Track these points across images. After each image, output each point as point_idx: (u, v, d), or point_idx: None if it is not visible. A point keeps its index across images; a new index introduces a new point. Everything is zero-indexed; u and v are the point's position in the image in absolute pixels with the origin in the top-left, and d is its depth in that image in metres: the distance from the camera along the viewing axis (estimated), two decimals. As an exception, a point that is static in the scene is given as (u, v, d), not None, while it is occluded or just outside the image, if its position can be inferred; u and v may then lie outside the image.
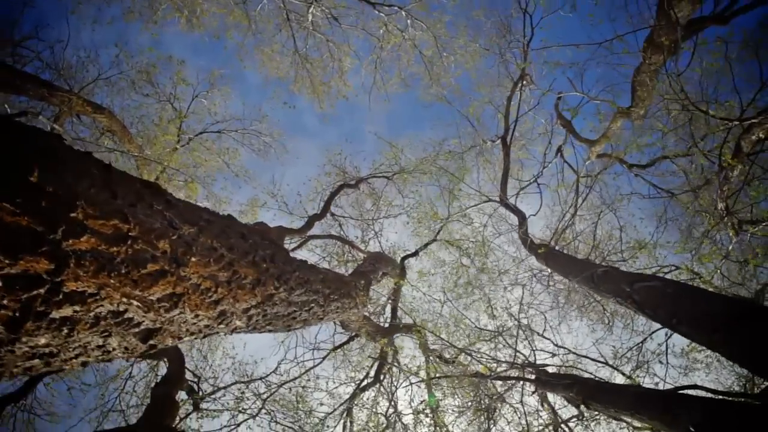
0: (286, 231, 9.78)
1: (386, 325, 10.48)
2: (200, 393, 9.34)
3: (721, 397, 4.04)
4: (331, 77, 13.71)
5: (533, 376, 6.50)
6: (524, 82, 10.50)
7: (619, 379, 8.79)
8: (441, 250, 13.48)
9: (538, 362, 7.12)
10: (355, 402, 9.92)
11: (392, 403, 9.58)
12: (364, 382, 10.11)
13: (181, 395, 9.26)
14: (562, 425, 7.71)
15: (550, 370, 7.07)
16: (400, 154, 13.48)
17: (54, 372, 1.91)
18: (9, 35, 9.62)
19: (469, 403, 8.68)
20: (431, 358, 9.90)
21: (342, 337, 10.64)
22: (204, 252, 2.59)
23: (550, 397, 8.06)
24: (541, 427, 8.08)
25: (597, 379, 6.63)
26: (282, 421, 9.75)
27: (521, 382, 7.34)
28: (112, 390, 10.10)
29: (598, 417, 7.76)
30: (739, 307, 3.86)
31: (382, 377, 10.10)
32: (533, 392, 7.30)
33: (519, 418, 7.88)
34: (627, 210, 11.10)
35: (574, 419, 7.49)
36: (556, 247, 9.40)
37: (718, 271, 8.83)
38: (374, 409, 10.02)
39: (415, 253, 11.97)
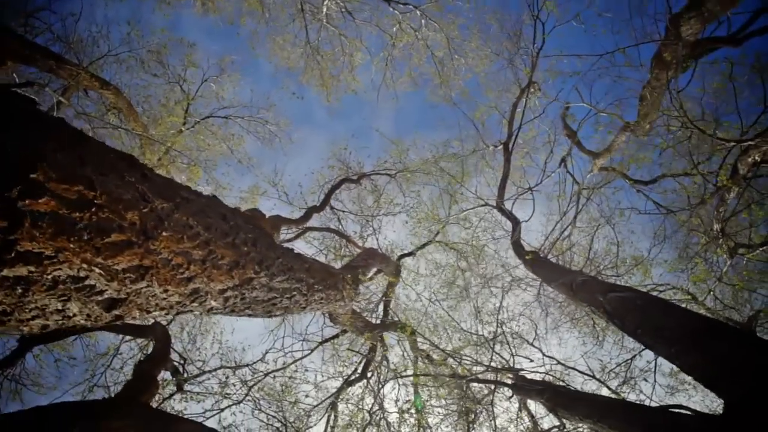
0: (283, 221, 9.79)
1: (377, 321, 10.48)
2: (185, 374, 9.36)
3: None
4: (341, 71, 13.74)
5: (511, 382, 6.51)
6: (531, 90, 10.47)
7: (605, 393, 8.78)
8: (438, 251, 13.49)
9: (524, 371, 7.11)
10: (341, 397, 9.92)
11: (377, 400, 9.58)
12: (352, 378, 10.11)
13: (167, 376, 9.33)
14: (542, 435, 7.71)
15: (536, 377, 7.08)
16: (405, 152, 13.50)
17: (11, 331, 1.92)
18: (22, 5, 9.67)
19: (453, 406, 8.68)
20: (419, 357, 9.90)
21: (333, 330, 10.65)
22: (178, 228, 2.61)
23: (533, 406, 8.07)
24: (521, 435, 8.07)
25: (568, 387, 6.63)
26: (266, 410, 9.76)
27: (502, 388, 7.34)
28: (101, 366, 10.15)
29: (580, 429, 7.74)
30: (699, 322, 3.87)
31: (369, 374, 10.10)
32: (510, 397, 7.30)
33: (491, 421, 7.86)
34: (626, 226, 11.01)
35: (555, 429, 7.47)
36: (549, 256, 9.38)
37: (711, 293, 8.80)
38: (359, 405, 10.02)
39: (411, 253, 11.97)
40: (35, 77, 9.59)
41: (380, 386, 9.72)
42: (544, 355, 8.23)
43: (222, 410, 9.40)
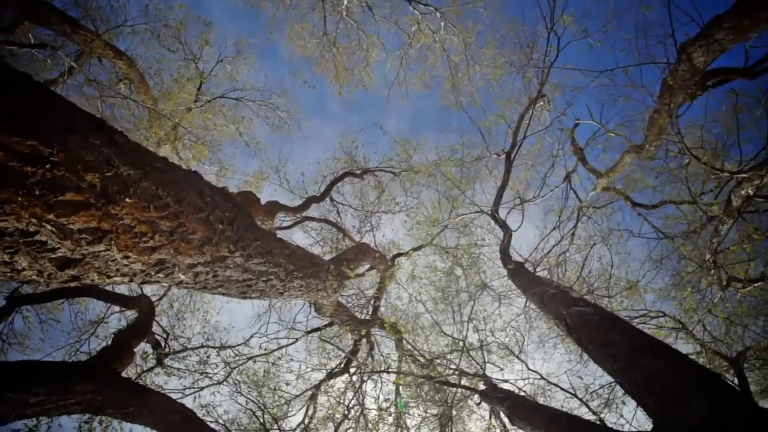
0: (280, 207, 9.79)
1: (366, 317, 10.47)
2: (167, 349, 9.39)
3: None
4: (355, 66, 13.76)
5: (481, 389, 6.51)
6: (541, 103, 10.42)
7: (585, 412, 8.72)
8: (433, 254, 13.44)
9: (494, 379, 7.08)
10: (322, 389, 9.93)
11: (356, 395, 9.58)
12: (335, 371, 10.12)
13: (150, 350, 9.37)
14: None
15: (523, 393, 7.05)
16: (411, 152, 13.49)
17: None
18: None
19: (431, 409, 8.67)
20: (403, 357, 9.88)
21: (320, 321, 10.64)
22: (145, 196, 2.62)
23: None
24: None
25: (527, 398, 6.60)
26: (246, 394, 9.76)
27: (473, 395, 7.32)
28: (86, 333, 10.23)
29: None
30: (642, 340, 3.85)
31: (352, 369, 10.10)
32: (478, 403, 7.29)
33: (461, 425, 7.85)
34: (622, 247, 10.98)
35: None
36: (539, 269, 9.35)
37: (701, 323, 8.71)
38: (340, 400, 10.02)
39: (406, 253, 11.95)
40: (50, 40, 9.67)
41: (362, 382, 9.72)
42: (528, 368, 8.20)
43: (201, 389, 9.40)
